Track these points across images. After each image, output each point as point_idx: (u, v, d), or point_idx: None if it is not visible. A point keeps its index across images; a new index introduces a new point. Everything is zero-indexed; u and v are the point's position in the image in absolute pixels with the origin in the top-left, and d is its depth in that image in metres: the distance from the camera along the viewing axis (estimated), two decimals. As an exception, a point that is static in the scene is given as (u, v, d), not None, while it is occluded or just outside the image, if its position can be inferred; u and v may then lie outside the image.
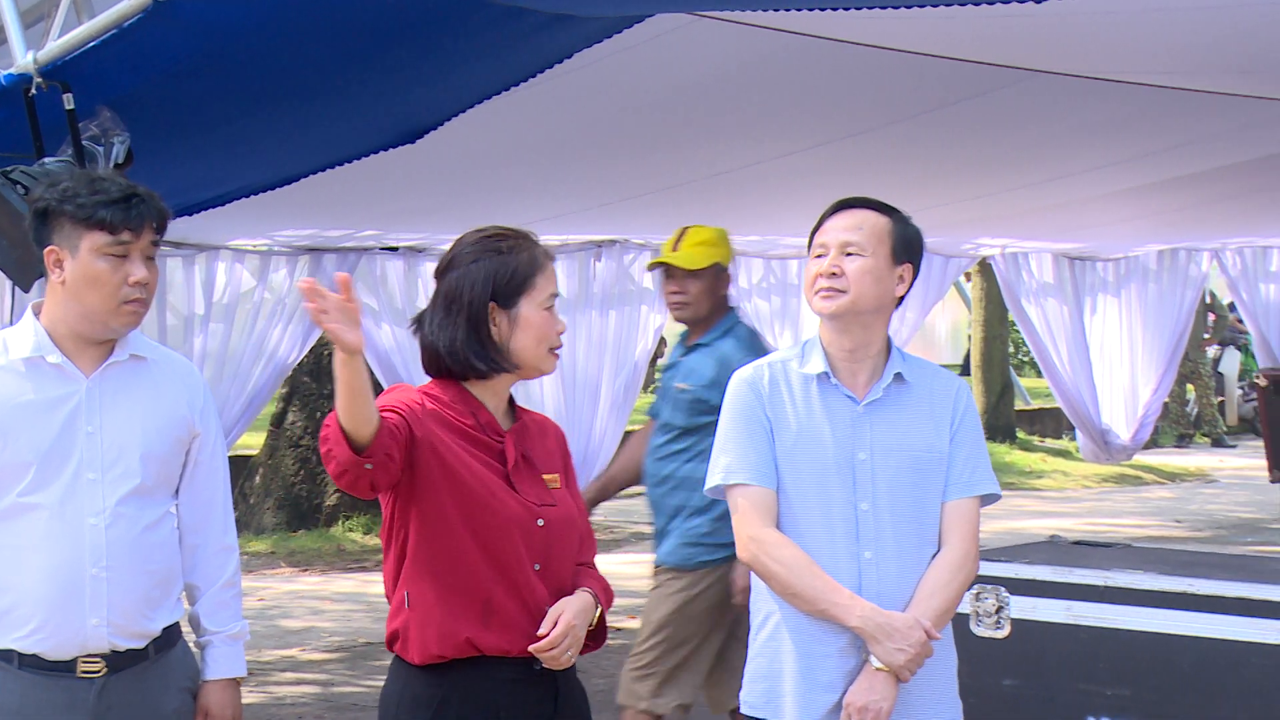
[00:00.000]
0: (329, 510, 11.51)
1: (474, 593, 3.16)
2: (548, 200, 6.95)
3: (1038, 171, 7.33)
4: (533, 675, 3.21)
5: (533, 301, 3.24)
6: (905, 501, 3.48)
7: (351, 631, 8.68)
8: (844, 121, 6.04)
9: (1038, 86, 5.51)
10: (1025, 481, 14.79)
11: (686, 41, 4.63)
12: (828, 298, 3.47)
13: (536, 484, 3.25)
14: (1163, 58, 5.20)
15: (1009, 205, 8.15)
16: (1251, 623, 4.75)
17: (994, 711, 5.01)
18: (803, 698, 3.47)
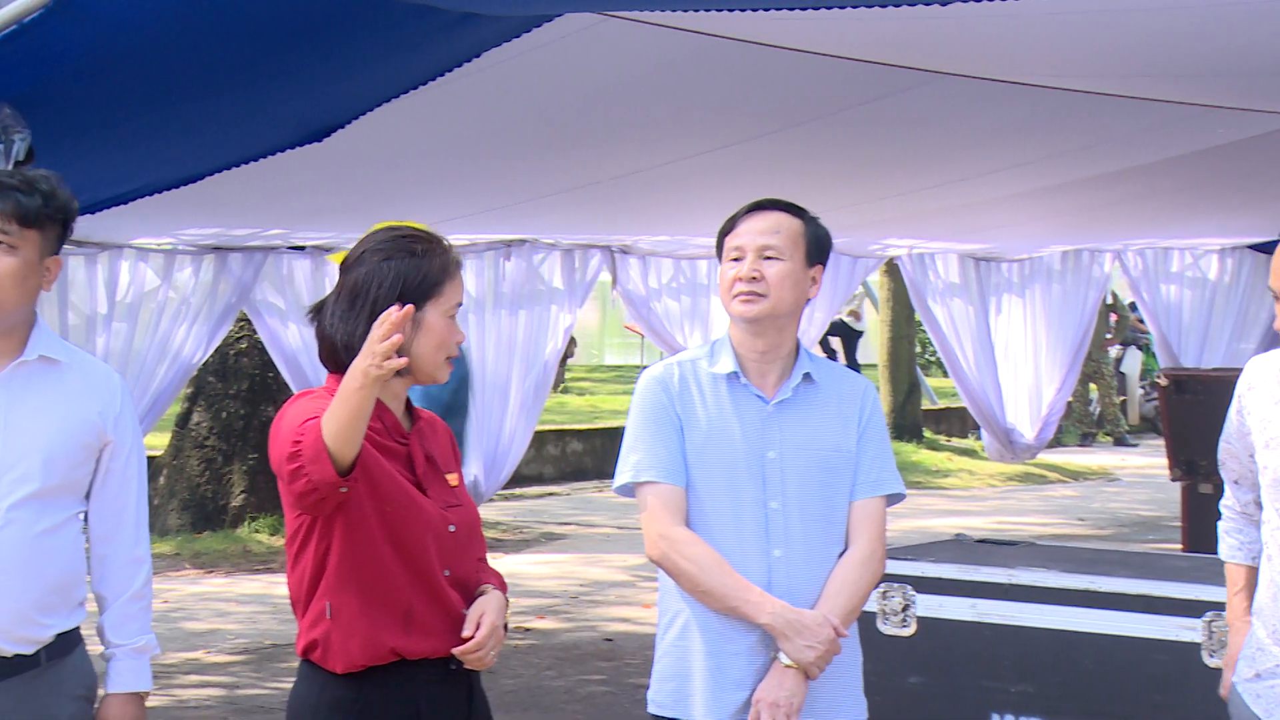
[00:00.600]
0: (234, 511, 11.40)
1: (395, 602, 3.13)
2: (456, 199, 6.92)
3: (944, 173, 7.39)
4: (450, 675, 3.20)
5: (439, 308, 3.21)
6: (814, 500, 3.50)
7: (258, 633, 8.61)
8: (753, 122, 6.06)
9: (944, 88, 5.55)
10: (932, 480, 14.92)
11: (595, 41, 4.63)
12: (748, 302, 3.48)
13: (442, 485, 3.23)
14: (1066, 61, 5.26)
15: (916, 206, 8.21)
16: (1152, 619, 4.82)
17: (899, 709, 5.04)
18: (712, 696, 3.48)
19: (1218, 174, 7.91)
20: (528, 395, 8.28)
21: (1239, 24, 4.53)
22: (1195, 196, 8.77)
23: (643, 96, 5.52)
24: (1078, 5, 4.38)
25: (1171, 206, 9.17)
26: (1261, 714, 3.46)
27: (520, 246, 8.23)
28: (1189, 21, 4.53)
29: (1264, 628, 3.47)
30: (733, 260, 3.52)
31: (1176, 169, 7.60)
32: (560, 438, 15.16)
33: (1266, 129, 6.69)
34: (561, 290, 8.43)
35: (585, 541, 11.74)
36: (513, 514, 12.87)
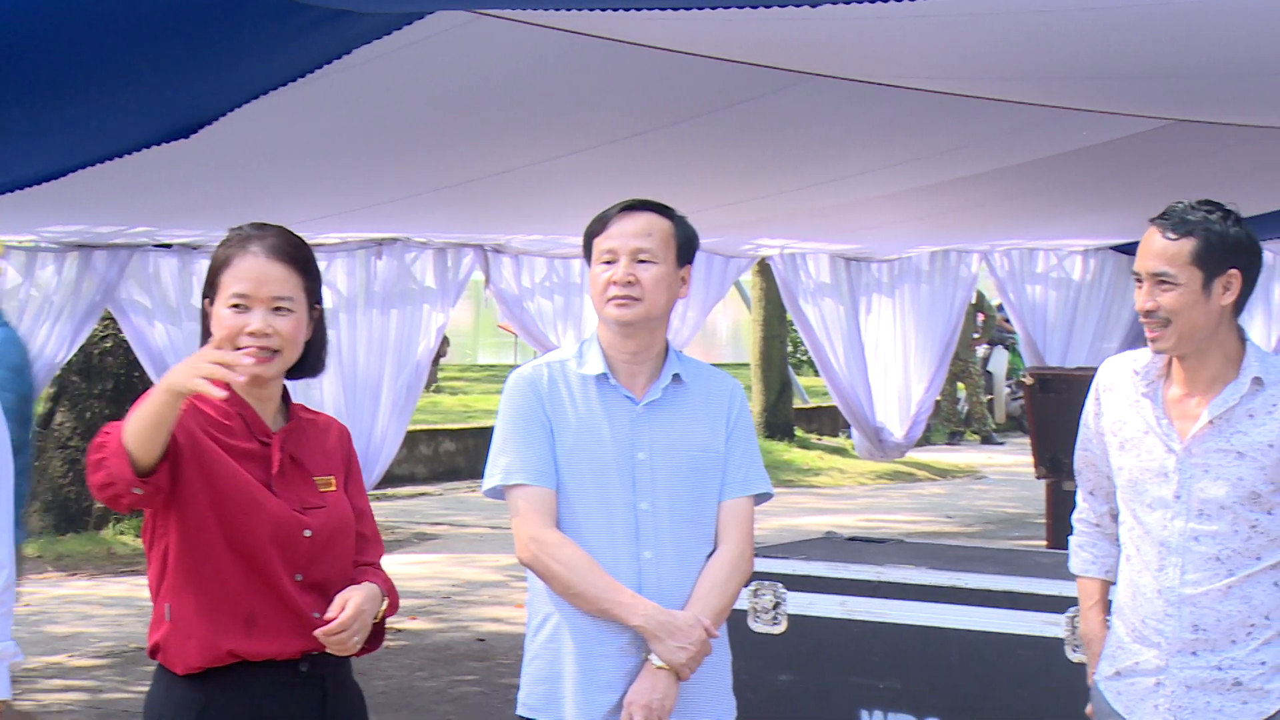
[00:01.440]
0: (99, 513, 11.21)
1: (235, 606, 3.09)
2: (327, 198, 6.86)
3: (814, 174, 7.45)
4: (300, 678, 3.15)
5: (219, 299, 3.16)
6: (683, 501, 3.51)
7: (122, 637, 8.47)
8: (625, 122, 6.07)
9: (814, 90, 5.59)
10: (803, 479, 15.04)
11: (467, 39, 4.61)
12: (623, 306, 3.48)
13: (303, 487, 3.17)
14: (934, 63, 5.32)
15: (787, 207, 8.27)
16: (1017, 615, 4.90)
17: (769, 707, 5.08)
18: (583, 698, 3.48)
19: (1081, 176, 8.05)
20: (399, 395, 8.22)
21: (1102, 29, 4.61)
22: (1060, 198, 8.92)
23: (515, 95, 5.50)
24: (945, 8, 4.44)
25: (1036, 208, 9.32)
26: (1122, 711, 3.53)
27: (392, 245, 8.17)
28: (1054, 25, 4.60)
29: (1124, 626, 3.54)
30: (605, 263, 3.52)
31: (1041, 171, 7.73)
32: (433, 437, 15.07)
33: (1128, 131, 6.82)
34: (434, 289, 8.38)
35: (458, 541, 11.69)
36: (384, 514, 12.78)
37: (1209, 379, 3.44)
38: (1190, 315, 3.38)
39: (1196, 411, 3.44)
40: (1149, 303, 3.40)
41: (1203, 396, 3.44)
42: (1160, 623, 3.44)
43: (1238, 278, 3.41)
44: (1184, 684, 3.43)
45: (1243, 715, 3.40)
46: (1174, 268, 3.38)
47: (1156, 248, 3.41)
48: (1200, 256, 3.37)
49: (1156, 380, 3.49)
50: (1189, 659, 3.43)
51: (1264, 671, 3.41)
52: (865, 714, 5.07)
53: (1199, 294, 3.38)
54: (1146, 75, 5.46)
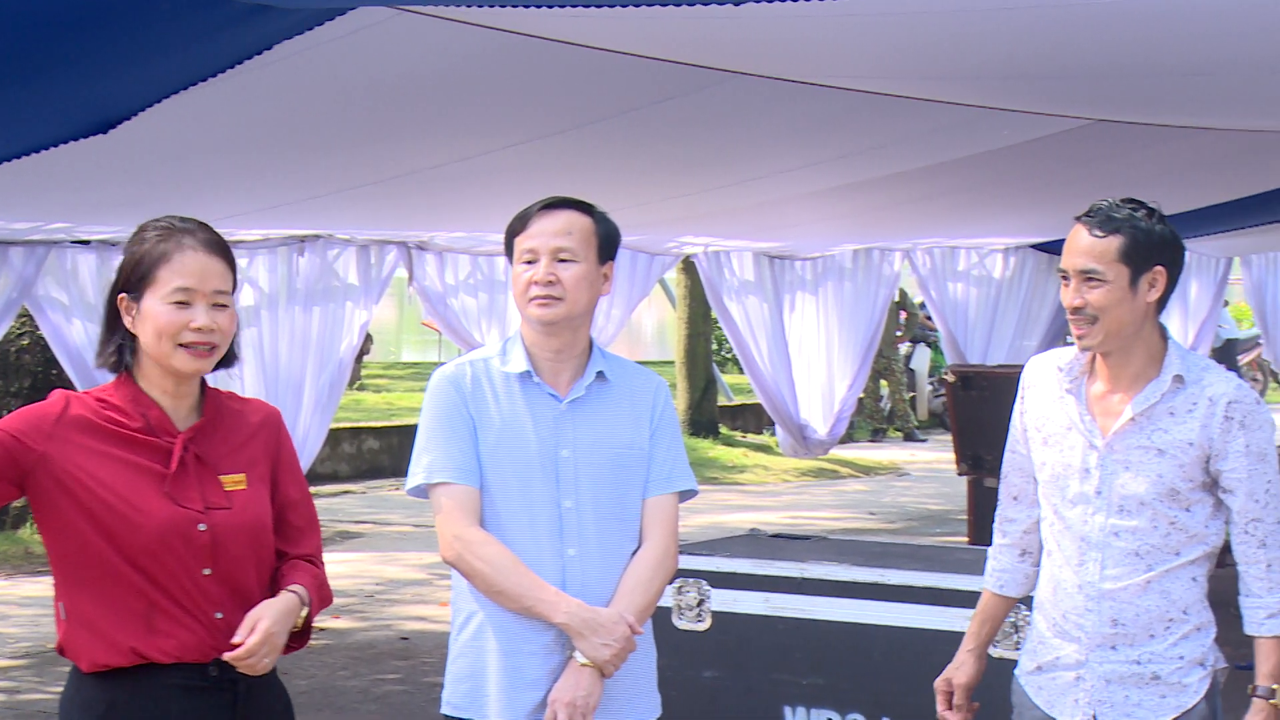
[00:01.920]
0: (16, 512, 11.06)
1: (130, 603, 3.08)
2: (249, 194, 6.80)
3: (738, 172, 7.47)
4: (209, 682, 3.13)
5: (155, 295, 3.12)
6: (607, 498, 3.51)
7: (40, 637, 8.36)
8: (549, 119, 6.06)
9: (737, 88, 5.61)
10: (728, 476, 15.07)
11: (389, 36, 4.59)
12: (544, 305, 3.47)
13: (206, 486, 3.13)
14: (857, 62, 5.34)
15: (711, 204, 8.29)
16: (939, 611, 4.93)
17: (694, 703, 5.09)
18: (507, 696, 3.48)
19: (1002, 175, 8.11)
20: (322, 393, 8.17)
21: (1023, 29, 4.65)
22: (980, 197, 8.99)
23: (438, 91, 5.48)
24: (867, 8, 4.46)
25: (958, 207, 9.39)
26: (1043, 705, 3.56)
27: (314, 242, 8.12)
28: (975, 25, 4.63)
29: (1045, 621, 3.58)
30: (526, 262, 3.51)
31: (963, 170, 7.78)
32: (356, 435, 14.98)
33: (1048, 131, 6.88)
34: (357, 286, 8.33)
35: (381, 540, 11.64)
36: (307, 513, 12.68)
37: (1132, 376, 3.47)
38: (1117, 312, 3.41)
39: (1119, 408, 3.47)
40: (1077, 299, 3.43)
41: (1125, 393, 3.47)
42: (1080, 617, 3.48)
43: (1163, 275, 3.45)
44: (1103, 678, 3.47)
45: (1161, 709, 3.45)
46: (1102, 264, 3.41)
47: (1084, 245, 3.43)
48: (1127, 253, 3.41)
49: (1080, 377, 3.53)
50: (1108, 653, 3.46)
51: (1182, 666, 3.45)
52: (789, 710, 5.09)
53: (1126, 290, 3.41)
54: (1066, 76, 5.51)
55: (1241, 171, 8.94)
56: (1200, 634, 3.47)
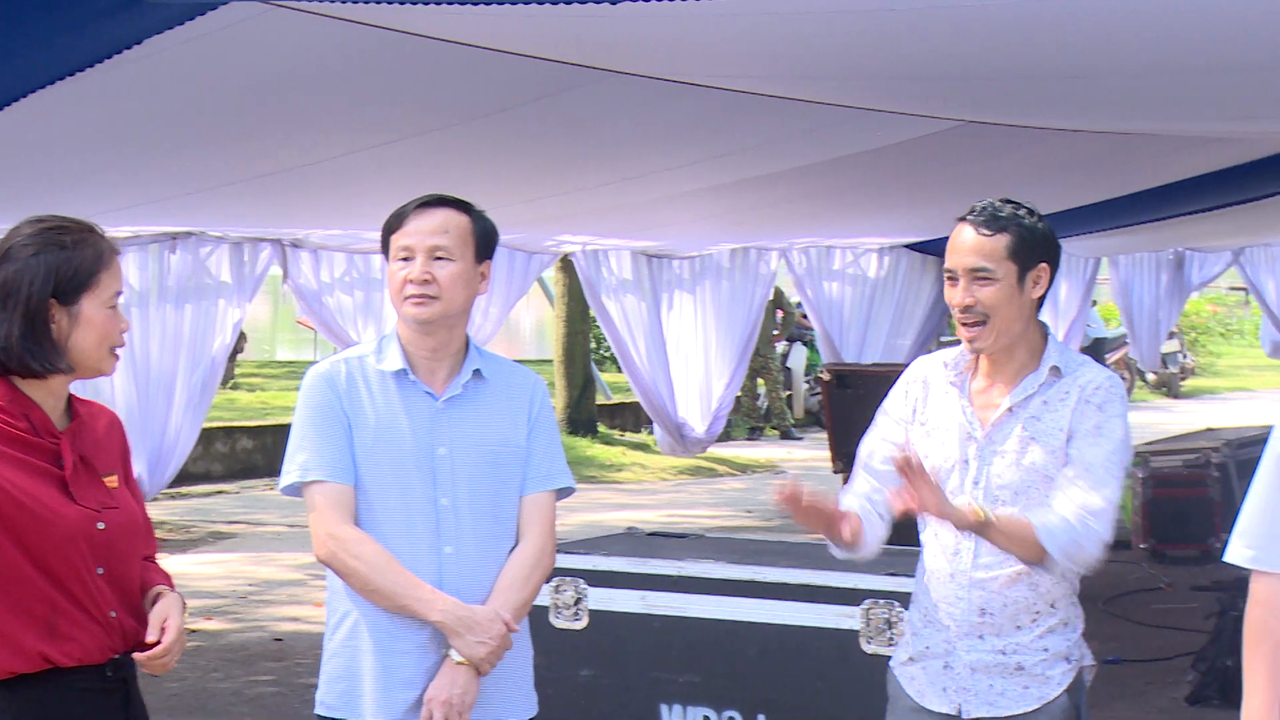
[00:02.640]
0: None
1: (34, 607, 3.03)
2: (118, 190, 6.70)
3: (616, 170, 7.47)
4: (107, 683, 3.11)
5: (95, 299, 3.10)
6: (484, 496, 3.51)
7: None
8: (425, 116, 6.03)
9: (615, 86, 5.61)
10: (606, 474, 15.09)
11: (262, 30, 4.54)
12: (420, 304, 3.46)
13: (96, 486, 3.13)
14: (732, 62, 5.37)
15: (589, 203, 8.29)
16: (814, 608, 4.98)
17: (571, 702, 5.09)
18: (382, 695, 3.46)
19: (876, 175, 8.19)
20: (194, 391, 8.06)
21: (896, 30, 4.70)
22: (855, 197, 9.07)
23: (313, 88, 5.43)
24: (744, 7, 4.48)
25: (833, 206, 9.47)
26: (914, 695, 3.61)
27: (186, 239, 8.01)
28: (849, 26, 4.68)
29: (918, 612, 3.64)
30: (402, 260, 3.50)
31: (838, 170, 7.85)
32: (229, 435, 14.82)
33: (921, 132, 6.96)
34: (230, 284, 8.23)
35: (255, 540, 11.52)
36: (179, 513, 12.53)
37: (1013, 372, 3.54)
38: (1008, 309, 3.46)
39: (998, 401, 3.54)
40: (967, 298, 3.47)
41: (1005, 386, 3.54)
42: (951, 606, 3.54)
43: (1046, 272, 3.52)
44: (969, 666, 3.53)
45: (1024, 699, 3.50)
46: (992, 262, 3.46)
47: (972, 243, 3.48)
48: (1015, 251, 3.46)
49: (965, 373, 3.59)
50: (975, 642, 3.52)
51: (1046, 658, 3.51)
52: (665, 708, 5.11)
53: (1015, 288, 3.47)
54: (938, 78, 5.58)
55: (1109, 173, 9.11)
56: (1067, 629, 3.53)
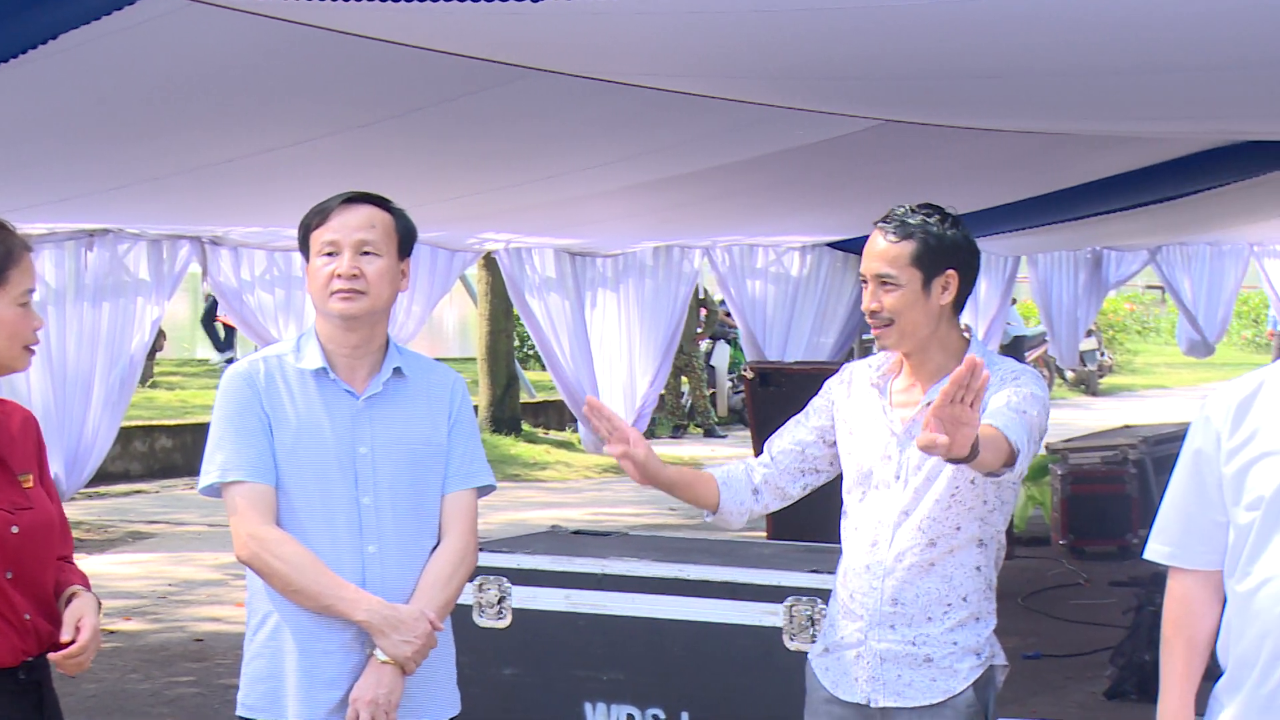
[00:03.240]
0: None
1: None
2: (34, 187, 6.61)
3: (538, 169, 7.46)
4: (19, 685, 3.08)
5: (6, 297, 3.08)
6: (406, 495, 3.51)
7: None
8: (347, 113, 5.99)
9: (537, 84, 5.60)
10: (529, 473, 15.06)
11: (181, 26, 4.49)
12: (347, 299, 3.46)
13: (9, 486, 3.09)
14: (655, 60, 5.37)
15: (512, 201, 8.26)
16: (737, 606, 4.99)
17: (495, 701, 5.08)
18: (305, 696, 3.45)
19: (799, 174, 8.22)
20: (112, 390, 7.97)
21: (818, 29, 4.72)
22: (778, 195, 9.10)
23: (233, 84, 5.38)
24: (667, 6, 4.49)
25: (756, 205, 9.49)
26: (829, 685, 3.65)
27: (104, 236, 7.92)
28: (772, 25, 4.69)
29: (836, 604, 3.69)
30: (327, 255, 3.49)
31: (761, 168, 7.87)
32: (148, 434, 14.68)
33: (843, 131, 6.99)
34: (148, 282, 8.15)
35: (174, 540, 11.42)
36: (97, 513, 12.40)
37: (931, 372, 3.60)
38: (911, 314, 3.52)
39: (918, 399, 3.59)
40: (873, 303, 3.55)
41: (924, 386, 3.59)
42: (865, 596, 3.58)
43: (955, 278, 3.55)
44: (879, 656, 3.56)
45: (931, 692, 3.54)
46: (895, 269, 3.52)
47: (879, 250, 3.55)
48: (919, 258, 3.52)
49: (888, 374, 3.66)
50: (887, 632, 3.56)
51: (955, 651, 3.55)
52: (589, 706, 5.11)
53: (919, 294, 3.52)
54: (860, 77, 5.61)
55: (1028, 172, 9.19)
56: (978, 624, 3.56)
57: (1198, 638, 3.12)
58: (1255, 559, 3.02)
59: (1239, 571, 3.05)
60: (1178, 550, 3.15)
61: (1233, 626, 3.07)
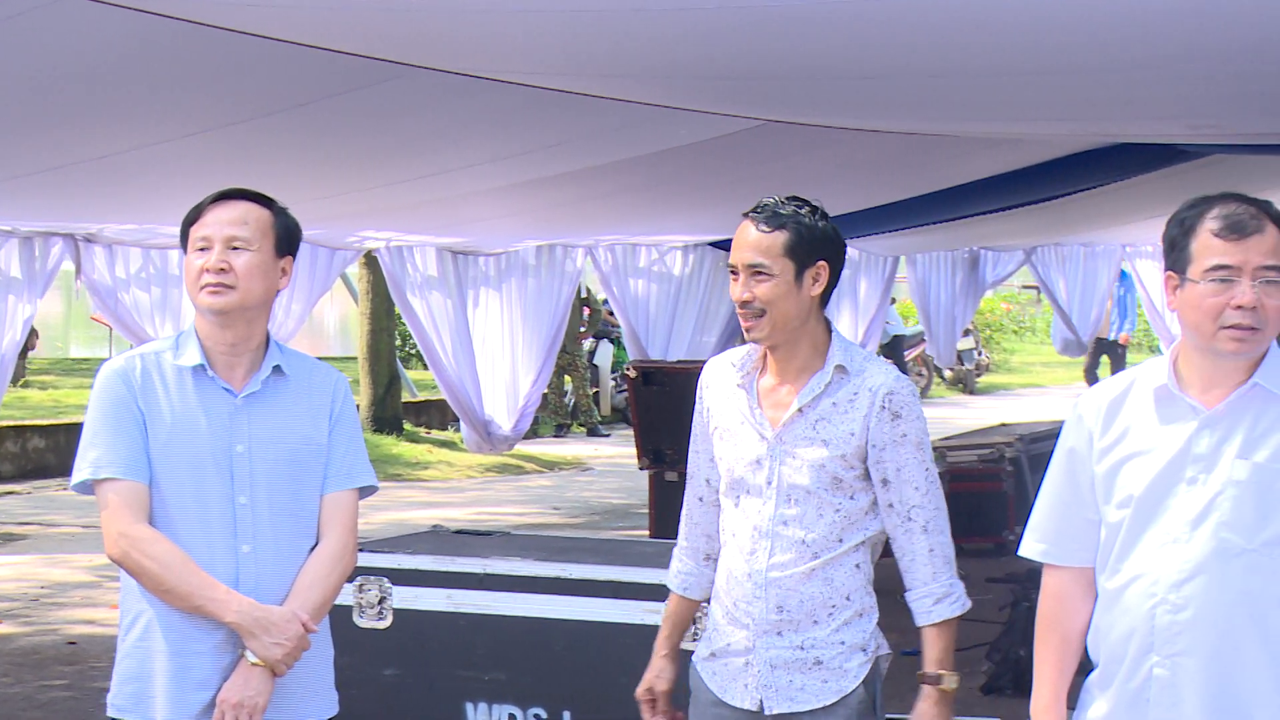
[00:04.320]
0: None
1: None
2: (-98, 181, 6.47)
3: (420, 166, 7.42)
4: None
5: None
6: (284, 494, 3.47)
7: None
8: (225, 109, 5.92)
9: (419, 82, 5.57)
10: (411, 473, 14.97)
11: (55, 19, 4.42)
12: (216, 293, 3.42)
13: None
14: (537, 59, 5.37)
15: (393, 199, 8.21)
16: (620, 604, 4.99)
17: (375, 702, 5.05)
18: (174, 697, 3.41)
19: (681, 173, 8.25)
20: (-17, 390, 7.82)
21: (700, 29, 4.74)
22: (660, 194, 9.13)
23: (107, 78, 5.30)
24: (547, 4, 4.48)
25: (638, 204, 9.51)
26: (716, 690, 3.65)
27: (-27, 233, 7.77)
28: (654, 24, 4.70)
29: (720, 609, 3.67)
30: (200, 250, 3.45)
31: (642, 168, 7.89)
32: (20, 434, 14.42)
33: (724, 131, 7.03)
34: (20, 280, 8.01)
35: (47, 542, 11.23)
36: (-32, 515, 12.16)
37: (798, 369, 3.58)
38: (783, 305, 3.51)
39: (787, 400, 3.58)
40: (745, 293, 3.53)
41: (793, 385, 3.58)
42: (749, 604, 3.58)
43: (825, 269, 3.56)
44: (769, 663, 3.57)
45: (823, 693, 3.56)
46: (769, 259, 3.51)
47: (751, 240, 3.54)
48: (792, 248, 3.52)
49: (752, 372, 3.63)
50: (774, 639, 3.56)
51: (843, 651, 3.57)
52: (471, 707, 5.09)
53: (791, 284, 3.52)
54: (741, 77, 5.64)
55: (906, 173, 9.30)
56: (862, 620, 3.59)
57: (1071, 633, 3.17)
58: (1125, 557, 3.08)
59: (1109, 569, 3.10)
60: (1052, 548, 3.20)
61: (1102, 622, 3.12)
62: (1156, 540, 3.04)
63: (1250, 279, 2.98)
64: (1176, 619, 3.01)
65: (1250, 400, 3.05)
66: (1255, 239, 2.99)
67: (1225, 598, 3.00)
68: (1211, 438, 3.04)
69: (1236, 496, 3.01)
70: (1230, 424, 3.04)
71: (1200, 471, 3.04)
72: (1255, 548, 3.01)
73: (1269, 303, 2.98)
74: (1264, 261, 2.98)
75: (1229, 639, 3.01)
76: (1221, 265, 2.99)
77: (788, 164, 7.88)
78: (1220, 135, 7.75)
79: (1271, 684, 3.01)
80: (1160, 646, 3.03)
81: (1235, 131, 7.49)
